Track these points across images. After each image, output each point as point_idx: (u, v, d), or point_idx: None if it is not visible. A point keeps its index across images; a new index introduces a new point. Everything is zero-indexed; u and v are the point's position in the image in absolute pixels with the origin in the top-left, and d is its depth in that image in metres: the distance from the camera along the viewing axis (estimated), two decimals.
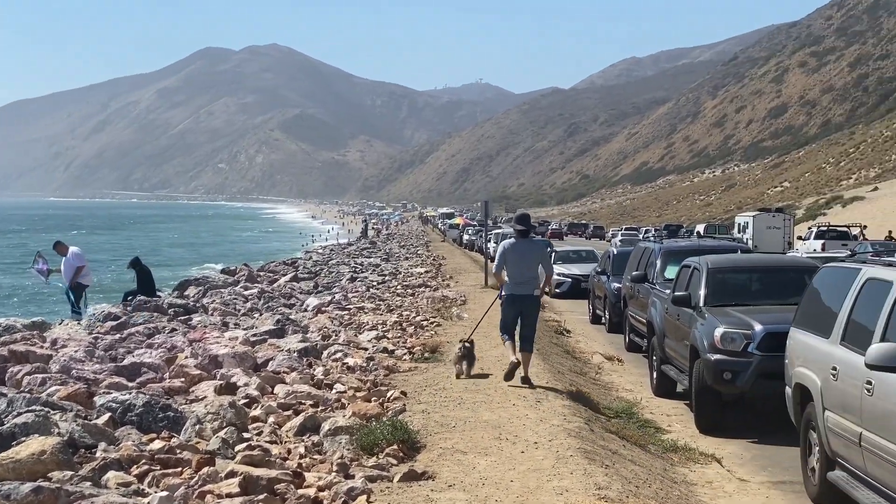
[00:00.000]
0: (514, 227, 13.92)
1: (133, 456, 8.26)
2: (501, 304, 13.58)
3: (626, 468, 9.13)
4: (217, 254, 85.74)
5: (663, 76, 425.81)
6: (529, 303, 13.40)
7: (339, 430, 9.37)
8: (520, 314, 13.37)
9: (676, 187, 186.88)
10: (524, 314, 13.35)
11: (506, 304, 13.44)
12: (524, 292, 13.35)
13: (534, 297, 13.46)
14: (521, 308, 13.36)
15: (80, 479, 7.45)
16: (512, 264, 13.32)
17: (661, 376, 15.16)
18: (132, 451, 8.41)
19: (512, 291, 13.36)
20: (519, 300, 13.34)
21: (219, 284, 30.99)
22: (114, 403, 9.95)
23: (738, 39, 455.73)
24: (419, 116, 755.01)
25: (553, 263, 35.18)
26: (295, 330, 18.19)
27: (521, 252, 13.42)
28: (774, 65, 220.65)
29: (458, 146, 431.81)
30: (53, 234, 29.00)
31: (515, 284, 13.33)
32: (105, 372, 12.97)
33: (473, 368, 13.54)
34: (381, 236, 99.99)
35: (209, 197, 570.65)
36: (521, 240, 13.65)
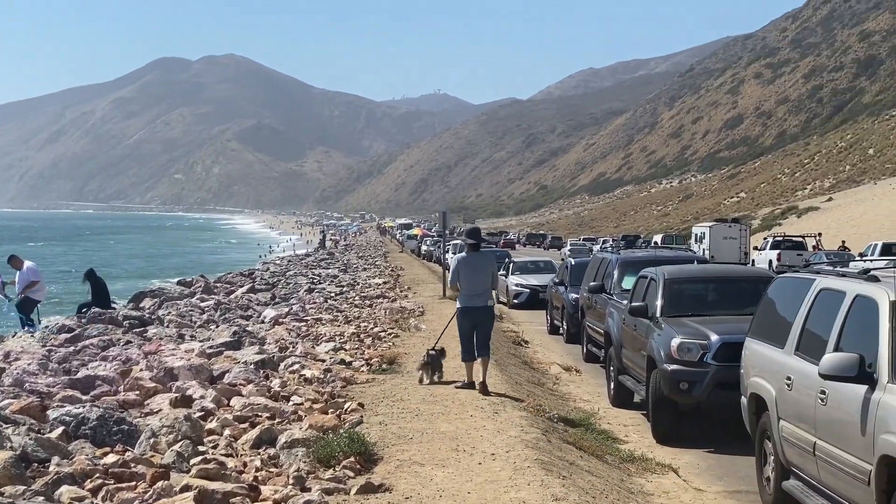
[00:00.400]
0: (466, 241, 14.19)
1: (87, 470, 8.17)
2: (457, 317, 13.75)
3: (583, 479, 9.15)
4: (174, 265, 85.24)
5: (620, 87, 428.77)
6: (483, 314, 13.74)
7: (295, 443, 9.32)
8: (475, 325, 13.62)
9: (634, 198, 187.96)
10: (479, 325, 13.71)
11: (460, 317, 13.70)
12: (478, 304, 13.72)
13: (487, 307, 13.82)
14: (476, 319, 13.70)
15: (33, 494, 7.36)
16: (465, 277, 13.66)
17: (618, 387, 15.20)
18: (86, 465, 8.32)
19: (466, 304, 13.75)
20: (472, 312, 13.71)
21: (175, 296, 30.78)
22: (67, 417, 9.84)
23: (694, 51, 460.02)
24: (377, 127, 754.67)
25: (511, 274, 35.34)
26: (252, 342, 18.08)
27: (474, 265, 13.76)
28: (730, 76, 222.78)
29: (417, 157, 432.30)
30: (9, 247, 28.70)
31: (469, 297, 13.72)
32: (59, 385, 12.83)
33: (441, 376, 13.94)
34: (339, 247, 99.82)
35: (165, 208, 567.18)
36: (473, 253, 13.99)
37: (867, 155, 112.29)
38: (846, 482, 7.44)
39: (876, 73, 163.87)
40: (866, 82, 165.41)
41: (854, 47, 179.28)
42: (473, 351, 13.63)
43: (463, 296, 13.72)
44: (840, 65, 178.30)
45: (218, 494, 7.35)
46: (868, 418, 6.99)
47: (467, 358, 13.67)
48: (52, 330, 20.90)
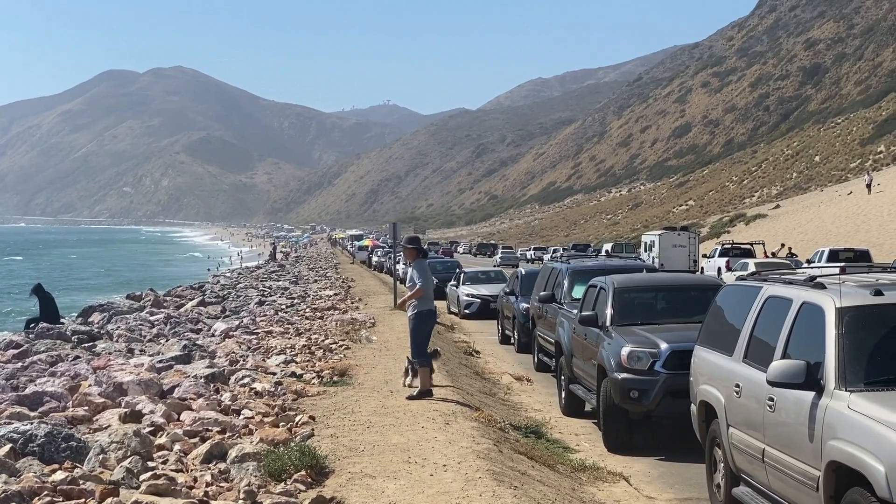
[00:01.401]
0: (412, 247, 14.28)
1: (35, 488, 8.07)
2: (418, 322, 13.74)
3: (534, 489, 9.16)
4: (124, 278, 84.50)
5: (569, 97, 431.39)
6: (434, 319, 14.22)
7: (246, 457, 9.27)
8: (430, 330, 14.15)
9: (584, 206, 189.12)
10: (431, 331, 14.16)
11: (426, 321, 13.82)
12: (433, 308, 14.01)
13: (434, 312, 14.19)
14: (433, 324, 14.20)
15: None
16: (428, 282, 13.66)
17: (569, 396, 15.26)
18: (34, 482, 8.22)
19: (431, 307, 13.92)
20: (433, 316, 14.09)
21: (124, 310, 30.53)
22: (15, 434, 9.71)
23: (642, 60, 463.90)
24: (327, 138, 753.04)
25: (462, 284, 35.42)
26: (202, 355, 17.97)
27: (428, 271, 14.04)
28: (678, 85, 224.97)
29: (367, 167, 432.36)
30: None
31: (430, 301, 13.85)
32: (6, 402, 12.67)
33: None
34: (290, 259, 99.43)
35: (114, 221, 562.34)
36: (424, 260, 14.25)
37: (813, 162, 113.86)
38: (795, 488, 7.51)
39: (821, 81, 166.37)
40: (812, 90, 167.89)
41: (800, 55, 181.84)
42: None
43: (426, 300, 13.77)
44: (786, 73, 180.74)
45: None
46: (816, 425, 7.07)
47: (429, 363, 13.64)
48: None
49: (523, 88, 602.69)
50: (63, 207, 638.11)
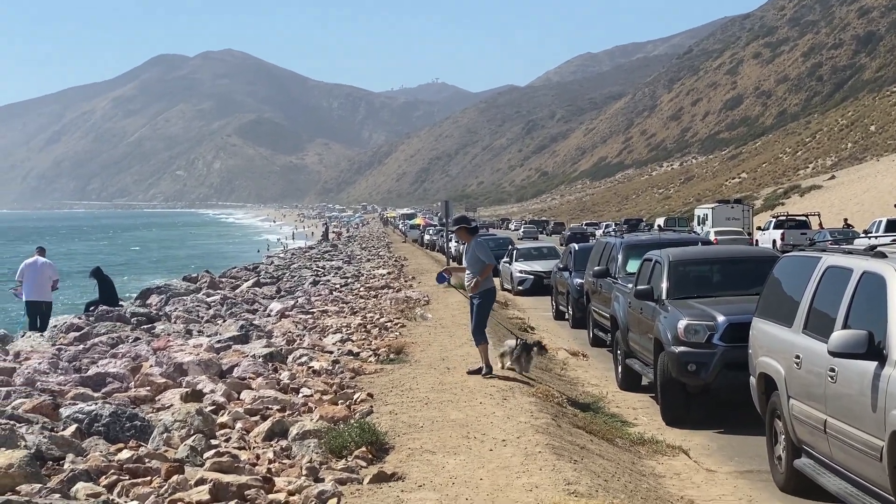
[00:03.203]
0: (466, 226, 14.04)
1: (101, 466, 8.21)
2: (487, 300, 13.70)
3: (594, 463, 9.18)
4: (179, 261, 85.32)
5: (619, 71, 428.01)
6: (495, 295, 14.41)
7: (307, 434, 9.35)
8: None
9: (635, 181, 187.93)
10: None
11: (492, 299, 13.97)
12: (494, 285, 14.11)
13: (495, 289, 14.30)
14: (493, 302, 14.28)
15: (49, 492, 7.40)
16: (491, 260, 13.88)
17: (625, 370, 15.24)
18: (100, 461, 8.36)
19: (493, 285, 13.94)
20: (495, 293, 14.24)
21: (181, 292, 30.80)
22: (80, 414, 9.88)
23: (692, 32, 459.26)
24: (377, 118, 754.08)
25: (515, 261, 35.43)
26: (259, 335, 18.14)
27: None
28: (729, 56, 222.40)
29: (417, 146, 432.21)
30: (30, 246, 28.94)
31: (491, 278, 13.89)
32: (70, 383, 12.88)
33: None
34: (342, 239, 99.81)
35: (168, 204, 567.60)
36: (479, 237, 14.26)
37: (869, 132, 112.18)
38: (858, 459, 7.47)
39: (875, 49, 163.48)
40: (866, 59, 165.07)
41: (853, 24, 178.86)
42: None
43: (489, 278, 13.70)
44: (839, 42, 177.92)
45: (233, 487, 7.38)
46: (878, 395, 7.02)
47: (487, 340, 13.63)
48: (61, 329, 20.97)
49: (572, 64, 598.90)
50: (118, 192, 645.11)
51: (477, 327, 13.49)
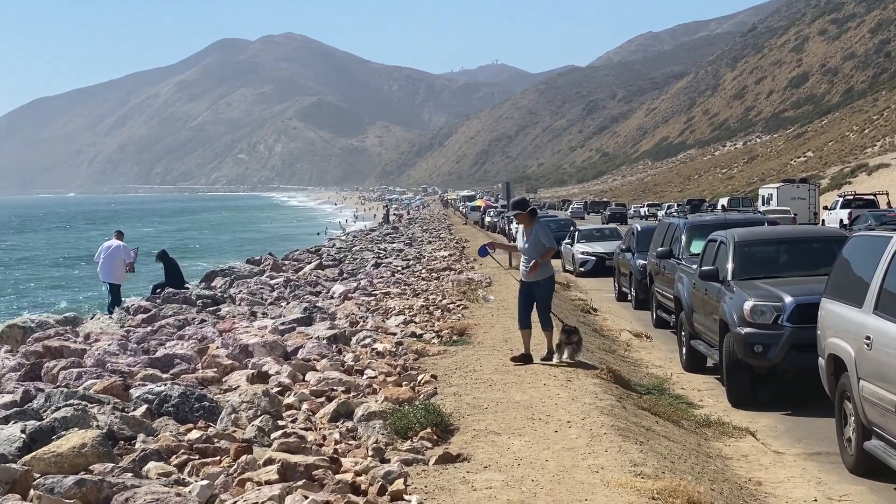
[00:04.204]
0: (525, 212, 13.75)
1: (172, 446, 8.34)
2: (551, 285, 13.61)
3: (660, 444, 9.15)
4: (242, 244, 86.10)
5: (681, 50, 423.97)
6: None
7: (372, 416, 9.41)
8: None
9: (697, 161, 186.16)
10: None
11: (554, 285, 13.78)
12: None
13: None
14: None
15: (122, 471, 7.53)
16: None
17: (690, 351, 15.14)
18: (170, 441, 8.49)
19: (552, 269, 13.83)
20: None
21: (245, 274, 31.08)
22: (150, 395, 10.03)
23: (756, 10, 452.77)
24: (437, 99, 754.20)
25: (577, 242, 35.32)
26: (323, 317, 18.26)
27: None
28: (794, 34, 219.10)
29: (477, 128, 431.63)
30: (113, 227, 29.67)
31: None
32: (139, 364, 13.08)
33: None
34: (403, 221, 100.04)
35: (230, 188, 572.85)
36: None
37: None
38: None
39: None
40: None
41: None
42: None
43: (549, 262, 13.46)
44: None
45: (300, 467, 7.45)
46: None
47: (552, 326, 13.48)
48: (129, 311, 21.28)
49: (633, 43, 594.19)
50: (181, 176, 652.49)
51: (545, 313, 13.25)
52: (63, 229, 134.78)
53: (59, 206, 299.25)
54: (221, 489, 7.23)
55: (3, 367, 13.77)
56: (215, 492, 7.09)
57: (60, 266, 67.59)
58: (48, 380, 12.36)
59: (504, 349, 13.99)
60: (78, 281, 54.06)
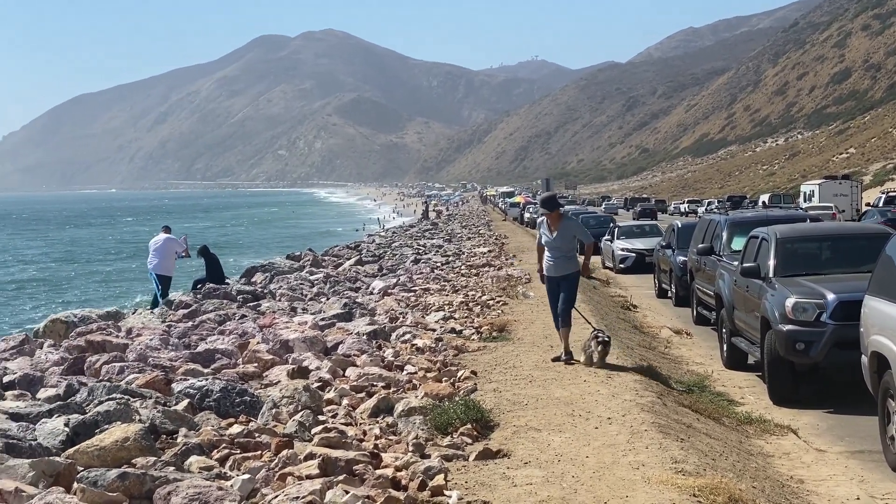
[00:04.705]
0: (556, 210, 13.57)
1: (213, 440, 8.39)
2: (575, 283, 13.38)
3: (701, 441, 9.11)
4: (282, 239, 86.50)
5: (722, 45, 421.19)
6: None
7: (412, 411, 9.43)
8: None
9: (738, 158, 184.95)
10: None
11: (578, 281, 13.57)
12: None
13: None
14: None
15: (164, 465, 7.59)
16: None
17: (731, 348, 15.05)
18: (212, 435, 8.54)
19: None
20: None
21: (285, 270, 31.18)
22: (191, 389, 10.10)
23: (798, 5, 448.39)
24: (476, 96, 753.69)
25: (616, 238, 35.22)
26: (362, 313, 18.30)
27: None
28: (836, 29, 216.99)
29: (516, 124, 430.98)
30: (159, 223, 29.96)
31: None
32: (180, 359, 13.16)
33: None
34: (443, 217, 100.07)
35: (270, 184, 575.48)
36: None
37: None
38: None
39: None
40: None
41: None
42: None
43: (577, 259, 13.39)
44: None
45: (341, 462, 7.48)
46: None
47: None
48: (170, 306, 21.42)
49: (674, 39, 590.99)
50: (221, 172, 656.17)
51: (568, 309, 13.05)
52: (108, 225, 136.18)
53: (102, 202, 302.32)
54: (263, 483, 7.27)
55: (47, 361, 13.91)
56: (257, 486, 7.13)
57: (105, 261, 68.30)
58: (91, 374, 12.47)
59: (544, 345, 13.97)
60: (123, 275, 54.59)
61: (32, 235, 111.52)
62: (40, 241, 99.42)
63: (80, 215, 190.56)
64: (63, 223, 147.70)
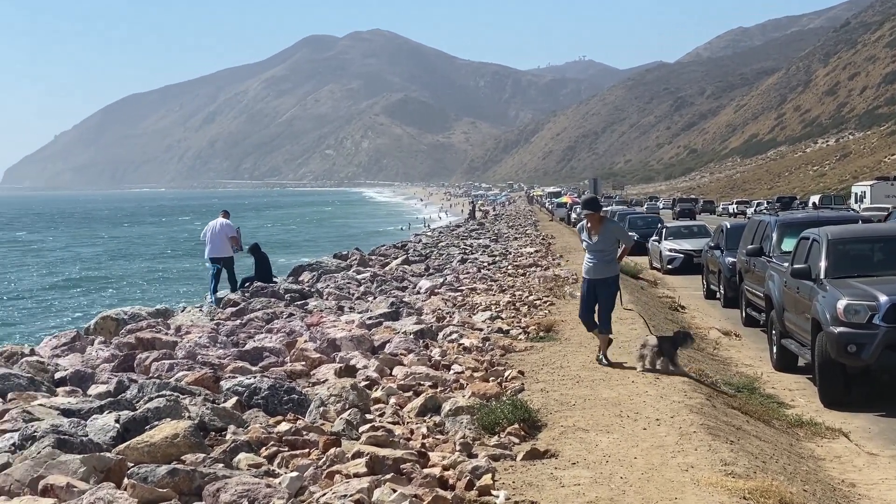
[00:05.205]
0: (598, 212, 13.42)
1: (262, 438, 8.44)
2: (616, 288, 13.29)
3: (751, 444, 9.02)
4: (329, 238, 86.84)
5: (772, 45, 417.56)
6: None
7: (459, 411, 9.42)
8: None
9: (788, 159, 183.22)
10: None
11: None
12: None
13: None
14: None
15: (213, 461, 7.64)
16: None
17: (781, 350, 14.91)
18: (260, 433, 8.59)
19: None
20: None
21: (332, 269, 31.28)
22: (240, 387, 10.17)
23: (849, 4, 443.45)
24: (523, 96, 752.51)
25: (664, 239, 35.03)
26: (409, 312, 18.33)
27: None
28: (889, 29, 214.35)
29: (563, 124, 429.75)
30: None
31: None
32: (229, 357, 13.25)
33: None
34: (489, 217, 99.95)
35: (317, 183, 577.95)
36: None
37: None
38: None
39: None
40: None
41: None
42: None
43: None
44: None
45: (388, 461, 7.50)
46: None
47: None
48: (218, 304, 21.58)
49: (723, 39, 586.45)
50: (269, 171, 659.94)
51: (608, 314, 12.94)
52: (161, 224, 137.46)
53: (155, 201, 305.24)
54: (311, 481, 7.29)
55: (98, 358, 14.06)
56: (305, 483, 7.16)
57: (159, 259, 68.94)
58: (141, 371, 12.59)
59: (591, 346, 13.90)
60: (175, 273, 55.05)
61: (87, 233, 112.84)
62: (94, 238, 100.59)
63: (133, 213, 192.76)
64: (117, 221, 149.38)
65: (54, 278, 53.69)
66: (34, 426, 8.45)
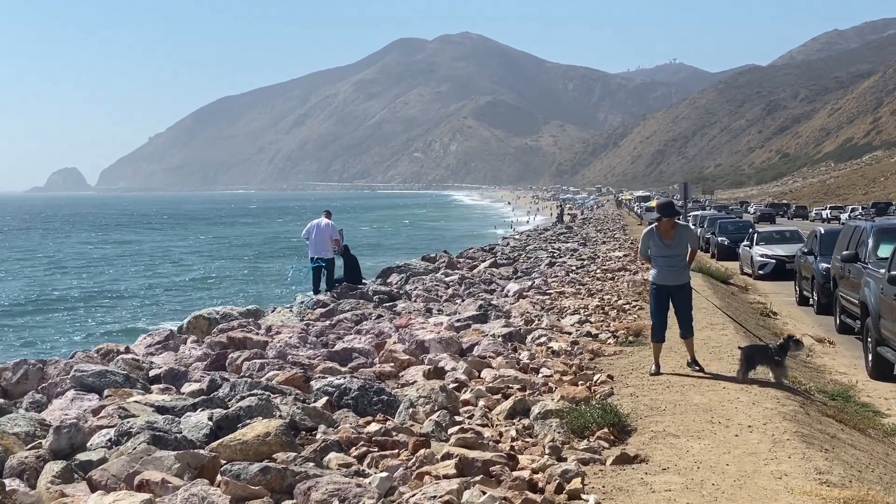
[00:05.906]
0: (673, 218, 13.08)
1: (351, 438, 8.51)
2: (690, 292, 13.06)
3: (846, 452, 8.85)
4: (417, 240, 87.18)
5: (868, 48, 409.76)
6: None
7: (548, 414, 9.40)
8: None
9: (884, 163, 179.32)
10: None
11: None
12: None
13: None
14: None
15: (304, 460, 7.72)
16: None
17: (877, 358, 14.60)
18: (350, 433, 8.66)
19: None
20: None
21: (420, 271, 31.41)
22: (330, 388, 10.26)
23: None
24: (612, 99, 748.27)
25: (756, 244, 34.58)
26: (497, 315, 18.32)
27: None
28: None
29: (653, 128, 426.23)
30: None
31: None
32: (319, 357, 13.38)
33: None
34: (577, 221, 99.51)
35: (405, 186, 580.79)
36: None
37: None
38: None
39: None
40: None
41: None
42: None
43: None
44: None
45: (478, 463, 7.50)
46: None
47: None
48: (308, 305, 21.79)
49: (817, 42, 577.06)
50: (358, 173, 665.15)
51: (688, 319, 12.71)
52: (257, 225, 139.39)
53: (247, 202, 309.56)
54: (400, 482, 7.33)
55: (190, 356, 14.30)
56: (394, 484, 7.19)
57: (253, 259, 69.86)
58: (232, 370, 12.77)
59: (681, 350, 13.74)
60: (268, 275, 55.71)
61: (183, 234, 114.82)
62: (190, 239, 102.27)
63: (230, 214, 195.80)
64: (214, 222, 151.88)
65: (151, 279, 54.66)
66: (130, 422, 8.63)
